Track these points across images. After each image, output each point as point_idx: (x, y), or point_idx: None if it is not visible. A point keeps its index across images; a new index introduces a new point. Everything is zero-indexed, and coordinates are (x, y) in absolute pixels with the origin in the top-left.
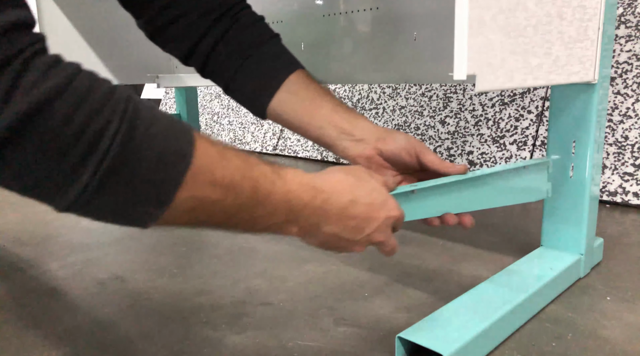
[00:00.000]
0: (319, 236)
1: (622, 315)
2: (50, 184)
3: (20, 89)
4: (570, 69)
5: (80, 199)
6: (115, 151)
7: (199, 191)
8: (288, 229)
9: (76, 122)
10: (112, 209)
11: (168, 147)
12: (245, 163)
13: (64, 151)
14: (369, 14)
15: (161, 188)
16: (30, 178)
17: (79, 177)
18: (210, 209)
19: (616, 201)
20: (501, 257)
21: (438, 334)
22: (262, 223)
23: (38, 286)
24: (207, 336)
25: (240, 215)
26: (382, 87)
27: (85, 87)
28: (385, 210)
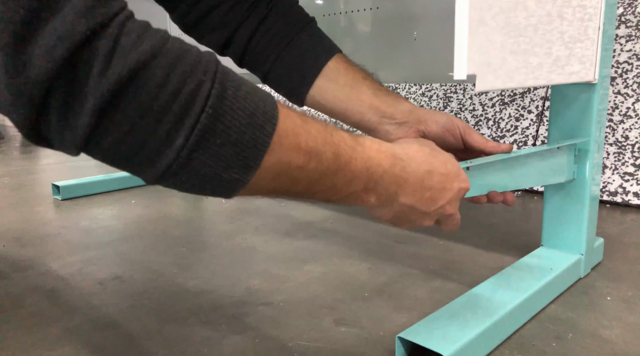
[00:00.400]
0: (395, 206)
1: (622, 315)
2: (147, 149)
3: (119, 52)
4: (570, 68)
5: (173, 165)
6: (209, 111)
7: (284, 155)
8: (366, 198)
9: (171, 83)
10: (201, 176)
11: (256, 108)
12: (325, 129)
13: (161, 112)
14: (369, 14)
15: (250, 151)
16: (129, 144)
17: (174, 140)
18: (294, 175)
19: (616, 201)
20: (501, 257)
21: (438, 334)
22: (341, 192)
23: (38, 286)
24: (207, 336)
25: (322, 182)
26: None
27: (178, 50)
28: (458, 181)
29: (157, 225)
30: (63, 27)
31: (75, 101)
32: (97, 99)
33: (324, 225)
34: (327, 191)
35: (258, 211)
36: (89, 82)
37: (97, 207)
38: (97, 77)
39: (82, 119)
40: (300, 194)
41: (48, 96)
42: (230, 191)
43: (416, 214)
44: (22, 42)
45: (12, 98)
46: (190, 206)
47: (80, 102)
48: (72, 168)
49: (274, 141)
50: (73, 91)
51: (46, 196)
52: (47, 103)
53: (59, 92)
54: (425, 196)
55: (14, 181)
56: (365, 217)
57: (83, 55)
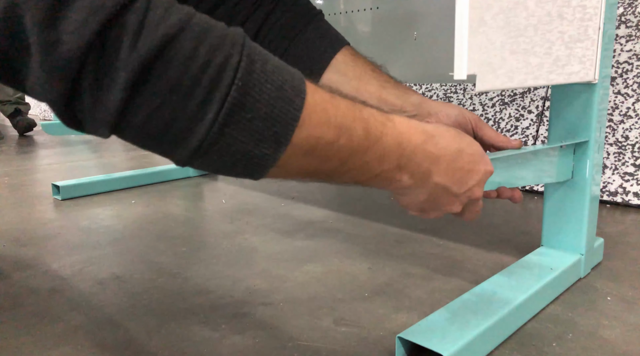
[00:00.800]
0: (428, 186)
1: (622, 315)
2: (177, 126)
3: (148, 25)
4: (570, 68)
5: (204, 143)
6: (238, 84)
7: (314, 130)
8: (399, 177)
9: (200, 56)
10: (232, 153)
11: (285, 82)
12: (354, 105)
13: (190, 86)
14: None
15: (280, 125)
16: (159, 121)
17: (204, 115)
18: (324, 152)
19: (616, 201)
20: (501, 257)
21: (438, 334)
22: (373, 170)
23: (38, 286)
24: (207, 336)
25: (353, 159)
26: None
27: (205, 23)
28: (484, 163)
29: (157, 225)
30: (93, 2)
31: (106, 76)
32: (129, 73)
33: (324, 225)
34: (358, 169)
35: (258, 211)
36: (120, 56)
37: (97, 207)
38: (127, 50)
39: (114, 95)
40: (331, 173)
41: (80, 73)
42: (260, 169)
43: (447, 196)
44: (54, 19)
45: (47, 76)
46: (190, 206)
47: (111, 78)
48: (72, 168)
49: (304, 115)
50: (104, 66)
51: (46, 196)
52: (79, 80)
53: (91, 68)
54: (457, 176)
55: (14, 181)
56: (365, 217)
57: (113, 29)
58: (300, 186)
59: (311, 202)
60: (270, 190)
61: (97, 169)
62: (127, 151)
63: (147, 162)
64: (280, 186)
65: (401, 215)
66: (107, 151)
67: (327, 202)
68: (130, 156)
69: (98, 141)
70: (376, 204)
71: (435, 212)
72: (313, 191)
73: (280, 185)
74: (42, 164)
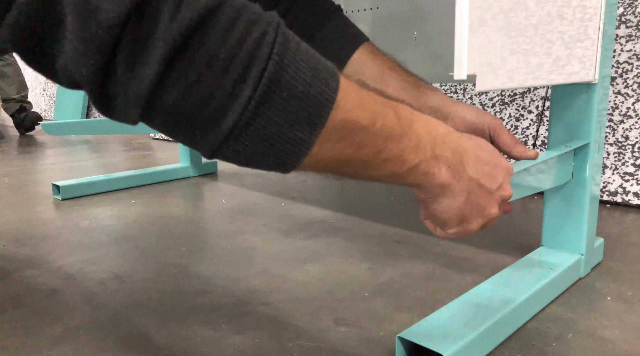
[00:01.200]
0: (465, 182)
1: (622, 315)
2: (212, 105)
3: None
4: (570, 68)
5: (239, 123)
6: (275, 59)
7: (349, 113)
8: (437, 169)
9: (238, 29)
10: (266, 136)
11: (319, 63)
12: (380, 93)
13: (227, 60)
14: (369, 14)
15: (315, 106)
16: (194, 99)
17: (241, 91)
18: (360, 137)
19: (616, 201)
20: (501, 257)
21: (438, 334)
22: (410, 160)
23: (38, 286)
24: (207, 336)
25: (389, 147)
26: None
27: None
28: (504, 161)
29: (157, 225)
30: None
31: (143, 48)
32: (168, 45)
33: (324, 225)
34: (395, 159)
35: (258, 211)
36: (159, 27)
37: (97, 207)
38: (167, 22)
39: (150, 68)
40: (366, 163)
41: (118, 43)
42: (293, 157)
43: (485, 195)
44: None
45: (83, 47)
46: (190, 206)
47: (148, 50)
48: (72, 168)
49: (339, 97)
50: (142, 36)
51: (46, 196)
52: (115, 51)
53: (128, 40)
54: (486, 170)
55: (14, 181)
56: (365, 217)
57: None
58: (301, 186)
59: (311, 202)
60: (270, 190)
61: (97, 169)
62: (127, 151)
63: (147, 162)
64: (280, 186)
65: (401, 215)
66: (107, 151)
67: (327, 202)
68: (130, 156)
69: (98, 141)
70: (376, 204)
71: (477, 219)
72: (313, 191)
73: (281, 185)
74: (42, 164)
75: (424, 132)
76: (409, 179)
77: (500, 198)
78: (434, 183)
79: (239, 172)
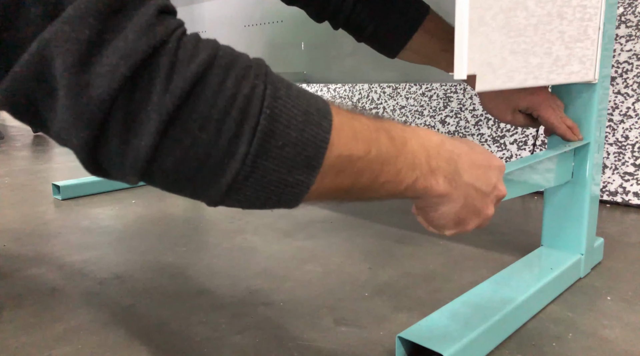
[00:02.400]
0: (462, 188)
1: (622, 315)
2: (210, 164)
3: (179, 66)
4: (570, 68)
5: (238, 177)
6: (266, 112)
7: (344, 148)
8: (435, 181)
9: (227, 88)
10: (267, 184)
11: (310, 106)
12: (375, 118)
13: (220, 120)
14: None
15: (311, 149)
16: (191, 161)
17: (237, 148)
18: (356, 167)
19: (616, 200)
20: (501, 257)
21: (438, 334)
22: (408, 177)
23: (38, 286)
24: (207, 336)
25: (386, 170)
26: (382, 87)
27: (229, 56)
28: (495, 159)
29: (157, 225)
30: (125, 46)
31: (136, 120)
32: (162, 116)
33: (324, 225)
34: (392, 180)
35: (258, 211)
36: (152, 99)
37: (97, 207)
38: (160, 93)
39: (145, 140)
40: (366, 189)
41: (109, 117)
42: (295, 197)
43: (481, 197)
44: (86, 62)
45: (73, 120)
46: (190, 206)
47: (142, 122)
48: (72, 168)
49: (333, 136)
50: (134, 110)
51: (46, 196)
52: (107, 125)
53: (120, 113)
54: (480, 173)
55: (14, 181)
56: (365, 217)
57: (145, 72)
58: None
59: None
60: None
61: None
62: None
63: None
64: None
65: (401, 215)
66: None
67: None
68: None
69: None
70: (376, 204)
71: (474, 220)
72: None
73: None
74: (42, 164)
75: (417, 147)
76: (409, 195)
77: (495, 198)
78: (433, 194)
79: None
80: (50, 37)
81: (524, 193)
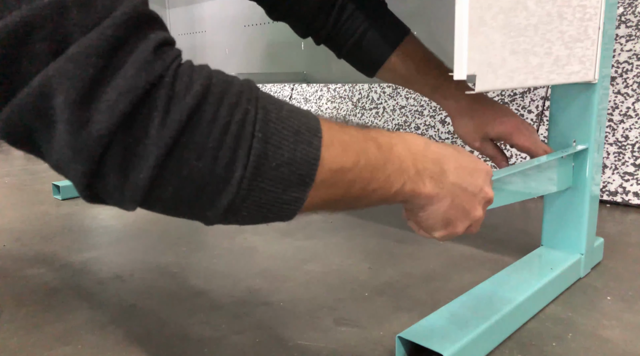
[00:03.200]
0: (448, 189)
1: (622, 315)
2: (207, 191)
3: (176, 99)
4: (570, 68)
5: (235, 201)
6: (258, 136)
7: (335, 163)
8: (422, 184)
9: (222, 117)
10: (263, 204)
11: (301, 125)
12: (362, 128)
13: (216, 148)
14: None
15: (304, 167)
16: (189, 190)
17: (232, 173)
18: (348, 178)
19: (616, 200)
20: (501, 257)
21: (438, 334)
22: (397, 182)
23: (38, 286)
24: (207, 336)
25: (375, 178)
26: (383, 87)
27: (223, 83)
28: (482, 163)
29: (157, 225)
30: (124, 82)
31: (135, 154)
32: (161, 149)
33: (324, 225)
34: (382, 186)
35: None
36: (150, 133)
37: (97, 207)
38: (158, 127)
39: (143, 173)
40: (358, 197)
41: (107, 152)
42: (291, 212)
43: (468, 198)
44: (87, 99)
45: (72, 154)
46: None
47: (140, 156)
48: None
49: (323, 152)
50: (132, 143)
51: (47, 195)
52: (105, 160)
53: (119, 148)
54: (466, 173)
55: (14, 180)
56: (366, 217)
57: (143, 108)
58: None
59: None
60: None
61: None
62: None
63: None
64: None
65: (401, 215)
66: None
67: None
68: None
69: None
70: None
71: (462, 221)
72: None
73: None
74: (42, 164)
75: (404, 152)
76: (398, 199)
77: (483, 200)
78: (420, 196)
79: None
80: (53, 73)
81: (515, 200)
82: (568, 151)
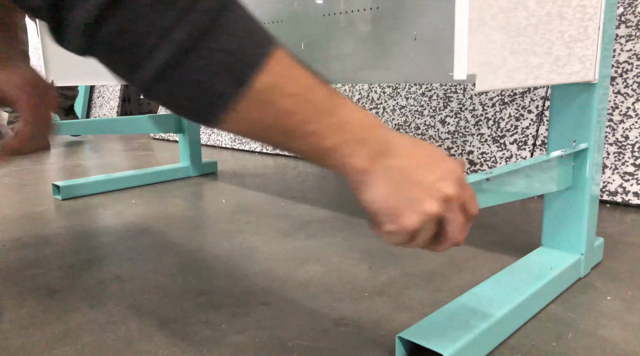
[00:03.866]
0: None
1: (622, 315)
2: (145, 43)
3: None
4: (570, 68)
5: (167, 65)
6: (213, 13)
7: (279, 80)
8: (358, 152)
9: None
10: (192, 82)
11: (259, 31)
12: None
13: (169, 5)
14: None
15: (243, 64)
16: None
17: (172, 35)
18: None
19: (616, 200)
20: (501, 257)
21: (438, 334)
22: (334, 137)
23: (38, 286)
24: (207, 336)
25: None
26: (382, 87)
27: None
28: (450, 162)
29: (157, 225)
30: None
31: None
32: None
33: (324, 225)
34: (319, 134)
35: (258, 211)
36: None
37: (97, 207)
38: None
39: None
40: (290, 133)
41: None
42: (216, 109)
43: (415, 187)
44: None
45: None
46: (190, 206)
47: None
48: (72, 168)
49: (270, 63)
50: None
51: (46, 195)
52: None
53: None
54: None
55: (14, 181)
56: (365, 217)
57: None
58: (301, 185)
59: (311, 202)
60: (271, 190)
61: (97, 169)
62: (127, 151)
63: (147, 162)
64: (280, 186)
65: None
66: (107, 151)
67: (327, 202)
68: (130, 156)
69: (98, 141)
70: None
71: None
72: (313, 191)
73: (281, 185)
74: (42, 164)
75: (356, 117)
76: (329, 160)
77: (437, 193)
78: (352, 167)
79: (239, 172)
80: None
81: (515, 199)
82: (568, 151)
